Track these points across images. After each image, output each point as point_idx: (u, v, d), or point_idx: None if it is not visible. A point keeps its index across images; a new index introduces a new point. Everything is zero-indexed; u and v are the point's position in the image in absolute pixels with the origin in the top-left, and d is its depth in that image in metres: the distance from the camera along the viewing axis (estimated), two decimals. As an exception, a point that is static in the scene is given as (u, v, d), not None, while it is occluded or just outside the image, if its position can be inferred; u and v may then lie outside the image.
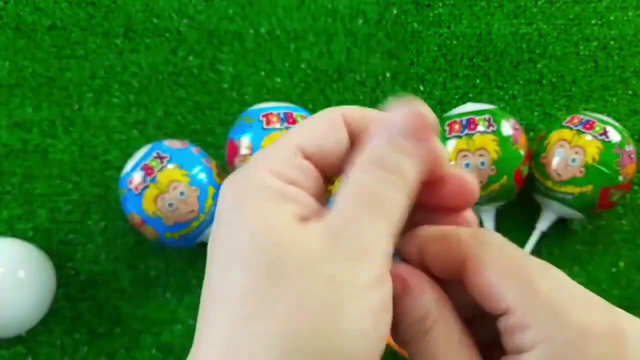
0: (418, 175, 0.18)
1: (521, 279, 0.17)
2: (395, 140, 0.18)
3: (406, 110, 0.18)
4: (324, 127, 0.19)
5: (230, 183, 0.18)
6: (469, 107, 0.50)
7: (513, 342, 0.17)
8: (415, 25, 0.60)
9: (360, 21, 0.60)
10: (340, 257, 0.16)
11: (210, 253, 0.18)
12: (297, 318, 0.15)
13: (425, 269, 0.20)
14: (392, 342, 0.20)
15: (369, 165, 0.18)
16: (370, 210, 0.17)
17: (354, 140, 0.20)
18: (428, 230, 0.20)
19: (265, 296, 0.16)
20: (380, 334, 0.16)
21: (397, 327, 0.19)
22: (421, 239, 0.20)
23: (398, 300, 0.19)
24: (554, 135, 0.49)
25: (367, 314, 0.16)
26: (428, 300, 0.19)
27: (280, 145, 0.19)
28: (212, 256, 0.18)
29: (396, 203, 0.18)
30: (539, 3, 0.62)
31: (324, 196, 0.20)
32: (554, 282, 0.17)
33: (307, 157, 0.19)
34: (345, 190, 0.18)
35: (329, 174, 0.20)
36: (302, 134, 0.19)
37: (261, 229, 0.16)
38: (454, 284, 0.19)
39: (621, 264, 0.53)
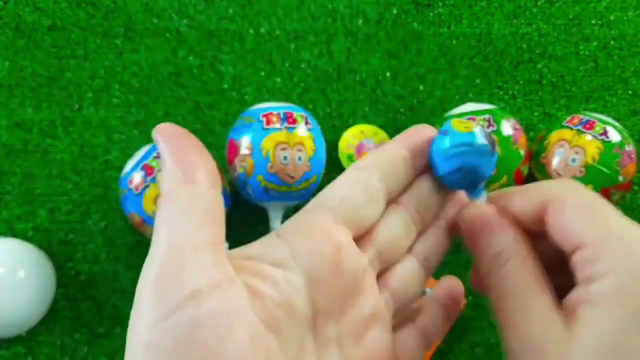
0: None
1: (595, 218, 0.19)
2: None
3: None
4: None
5: None
6: (469, 107, 0.50)
7: (585, 273, 0.18)
8: (415, 25, 0.60)
9: (360, 21, 0.60)
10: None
11: None
12: None
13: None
14: None
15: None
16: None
17: None
18: (510, 188, 0.22)
19: None
20: None
21: (479, 261, 0.22)
22: (504, 194, 0.22)
23: (480, 235, 0.21)
24: (554, 135, 0.49)
25: None
26: (505, 237, 0.21)
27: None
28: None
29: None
30: (539, 3, 0.62)
31: None
32: (623, 221, 0.19)
33: None
34: None
35: None
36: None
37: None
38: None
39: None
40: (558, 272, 0.21)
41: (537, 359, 0.18)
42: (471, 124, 0.23)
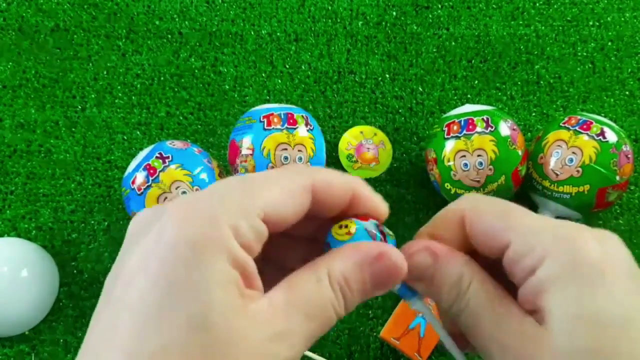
0: (354, 308, 0.20)
1: (512, 217, 0.20)
2: (365, 278, 0.20)
3: (395, 265, 0.20)
4: (292, 193, 0.20)
5: (186, 222, 0.18)
6: (468, 108, 0.50)
7: (524, 265, 0.19)
8: (415, 27, 0.61)
9: (360, 23, 0.61)
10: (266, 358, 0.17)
11: (140, 266, 0.17)
12: None
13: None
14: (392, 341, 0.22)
15: (333, 282, 0.19)
16: (310, 325, 0.19)
17: (317, 204, 0.21)
18: (434, 220, 0.23)
19: None
20: None
21: (438, 296, 0.21)
22: (427, 230, 0.22)
23: (432, 271, 0.21)
24: (552, 136, 0.49)
25: None
26: (460, 262, 0.21)
27: (247, 201, 0.19)
28: (140, 277, 0.17)
29: (331, 322, 0.19)
30: (536, 5, 0.62)
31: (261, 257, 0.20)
32: (533, 215, 0.21)
33: (266, 219, 0.19)
34: (302, 290, 0.19)
35: (277, 231, 0.20)
36: (270, 194, 0.19)
37: (206, 307, 0.17)
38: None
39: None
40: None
41: (520, 354, 0.19)
42: (351, 224, 0.21)
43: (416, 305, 0.22)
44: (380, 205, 0.22)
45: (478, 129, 0.47)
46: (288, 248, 0.23)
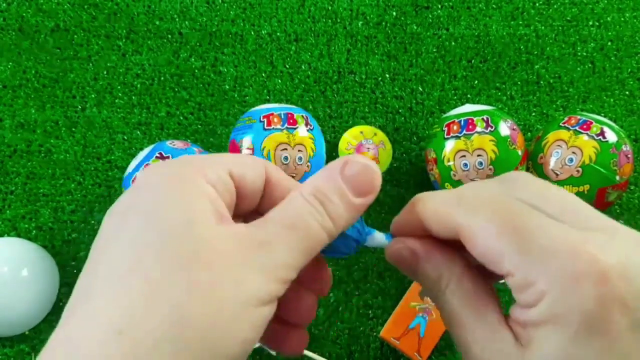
0: (343, 223, 0.20)
1: (512, 240, 0.18)
2: (340, 186, 0.20)
3: (363, 165, 0.20)
4: (251, 164, 0.21)
5: (163, 167, 0.20)
6: (467, 108, 0.50)
7: (521, 298, 0.18)
8: (415, 27, 0.61)
9: (360, 23, 0.61)
10: (249, 269, 0.18)
11: (125, 210, 0.19)
12: (192, 312, 0.17)
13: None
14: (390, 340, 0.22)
15: (306, 194, 0.20)
16: (290, 234, 0.19)
17: (266, 191, 0.22)
18: (424, 204, 0.22)
19: (170, 280, 0.17)
20: (254, 342, 0.19)
21: (424, 288, 0.22)
22: (422, 212, 0.22)
23: (414, 267, 0.22)
24: (552, 136, 0.49)
25: (252, 328, 0.18)
26: (438, 263, 0.21)
27: (215, 160, 0.21)
28: (125, 216, 0.19)
29: (316, 235, 0.20)
30: (536, 5, 0.62)
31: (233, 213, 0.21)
32: (544, 229, 0.18)
33: (231, 175, 0.20)
34: (278, 208, 0.20)
35: (240, 203, 0.21)
36: (233, 160, 0.21)
37: (186, 219, 0.18)
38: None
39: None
40: None
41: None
42: None
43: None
44: (295, 183, 0.23)
45: (478, 129, 0.47)
46: None
